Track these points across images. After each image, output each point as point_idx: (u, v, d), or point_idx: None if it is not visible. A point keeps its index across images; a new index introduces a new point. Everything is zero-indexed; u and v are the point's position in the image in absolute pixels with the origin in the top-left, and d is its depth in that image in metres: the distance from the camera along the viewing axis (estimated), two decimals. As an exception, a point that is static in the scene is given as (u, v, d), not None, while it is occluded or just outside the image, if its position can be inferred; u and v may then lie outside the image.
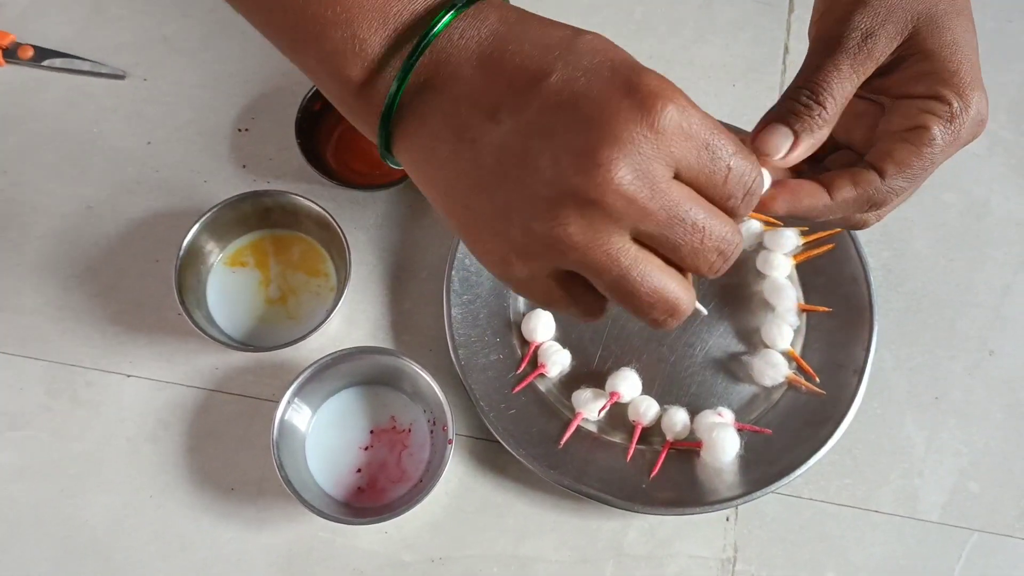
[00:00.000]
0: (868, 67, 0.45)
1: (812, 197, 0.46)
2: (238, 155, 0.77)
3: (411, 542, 0.68)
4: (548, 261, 0.39)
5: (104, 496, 0.69)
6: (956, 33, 0.45)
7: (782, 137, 0.45)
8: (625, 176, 0.36)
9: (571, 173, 0.36)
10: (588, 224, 0.37)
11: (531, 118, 0.38)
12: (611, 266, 0.38)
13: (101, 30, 0.81)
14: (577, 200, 0.37)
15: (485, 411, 0.68)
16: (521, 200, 0.38)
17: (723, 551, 0.69)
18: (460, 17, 0.39)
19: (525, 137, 0.38)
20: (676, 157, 0.37)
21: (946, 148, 0.46)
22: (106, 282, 0.73)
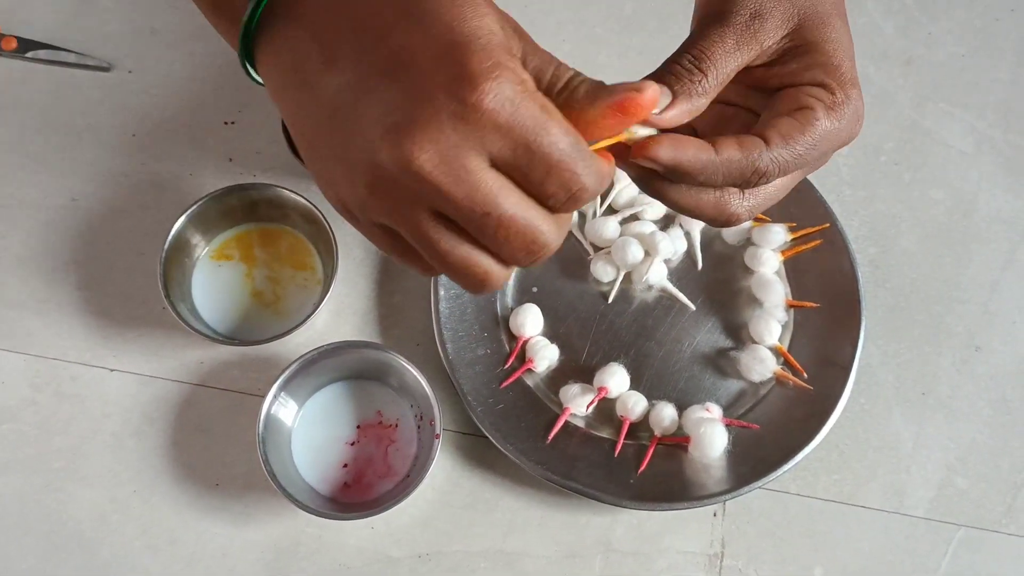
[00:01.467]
0: (752, 48, 0.45)
1: (698, 149, 0.43)
2: (225, 148, 0.77)
3: (398, 538, 0.68)
4: (369, 216, 0.39)
5: (89, 491, 0.68)
6: (838, 31, 0.46)
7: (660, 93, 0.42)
8: (427, 160, 0.35)
9: (381, 144, 0.36)
10: (391, 196, 0.37)
11: (361, 77, 0.37)
12: (419, 235, 0.38)
13: (87, 21, 0.80)
14: (382, 172, 0.36)
15: (473, 406, 0.67)
16: (346, 153, 0.38)
17: (711, 546, 0.69)
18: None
19: (352, 94, 0.37)
20: (489, 148, 0.36)
21: (827, 135, 0.45)
22: (91, 275, 0.73)
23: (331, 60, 0.38)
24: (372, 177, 0.37)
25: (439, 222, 0.37)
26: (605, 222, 0.74)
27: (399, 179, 0.36)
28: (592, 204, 0.75)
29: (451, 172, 0.36)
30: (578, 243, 0.75)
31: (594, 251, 0.75)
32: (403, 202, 0.37)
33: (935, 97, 0.82)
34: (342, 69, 0.38)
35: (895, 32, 0.85)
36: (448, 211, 0.37)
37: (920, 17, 0.86)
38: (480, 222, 0.37)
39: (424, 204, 0.37)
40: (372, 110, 0.37)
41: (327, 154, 0.39)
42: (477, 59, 0.35)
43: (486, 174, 0.36)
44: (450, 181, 0.36)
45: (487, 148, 0.36)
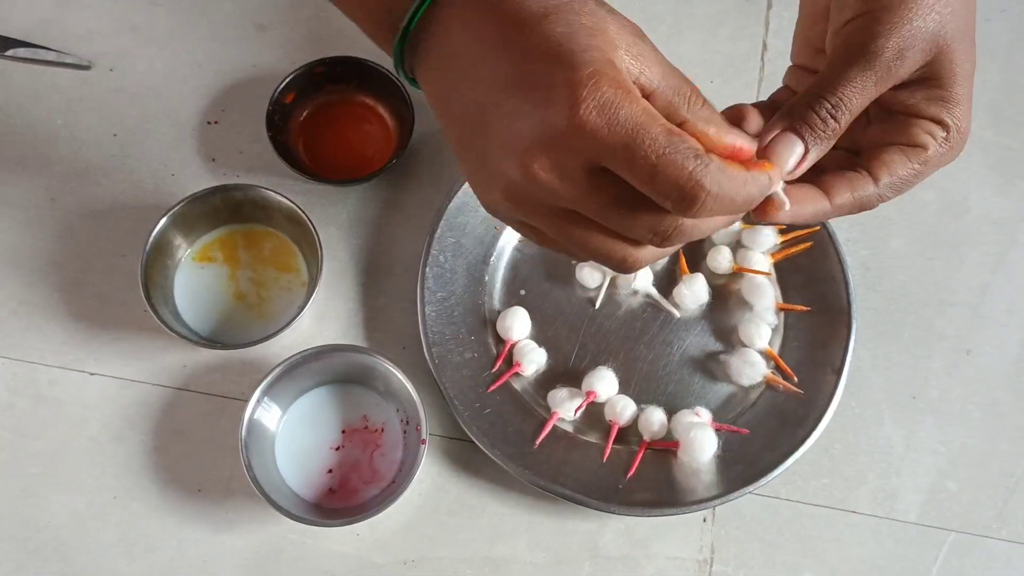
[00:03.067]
0: (889, 85, 0.44)
1: (814, 204, 0.45)
2: (207, 148, 0.76)
3: (383, 544, 0.67)
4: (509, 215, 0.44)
5: (67, 496, 0.67)
6: (964, 62, 0.45)
7: (794, 149, 0.43)
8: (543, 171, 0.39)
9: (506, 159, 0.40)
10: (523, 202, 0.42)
11: (524, 54, 0.39)
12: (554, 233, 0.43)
13: (67, 19, 0.79)
14: (512, 182, 0.41)
15: (459, 410, 0.67)
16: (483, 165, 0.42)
17: (700, 552, 0.68)
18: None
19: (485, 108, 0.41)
20: (591, 153, 0.38)
21: (935, 166, 0.47)
22: (70, 277, 0.72)
23: (488, 51, 0.41)
24: (504, 186, 0.41)
25: (569, 219, 0.42)
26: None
27: (527, 188, 0.40)
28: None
29: (564, 177, 0.39)
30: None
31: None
32: (534, 206, 0.42)
33: (925, 98, 0.82)
34: (475, 84, 0.41)
35: (885, 33, 0.85)
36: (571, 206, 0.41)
37: (910, 18, 0.85)
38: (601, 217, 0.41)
39: (550, 206, 0.41)
40: (497, 124, 0.40)
41: (469, 162, 0.44)
42: (577, 73, 0.38)
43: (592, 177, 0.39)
44: (564, 185, 0.39)
45: (590, 154, 0.38)
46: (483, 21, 0.41)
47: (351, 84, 0.75)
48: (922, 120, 0.46)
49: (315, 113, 0.75)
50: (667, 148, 0.37)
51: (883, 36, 0.43)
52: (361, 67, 0.73)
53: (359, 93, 0.75)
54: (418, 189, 0.75)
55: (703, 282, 0.72)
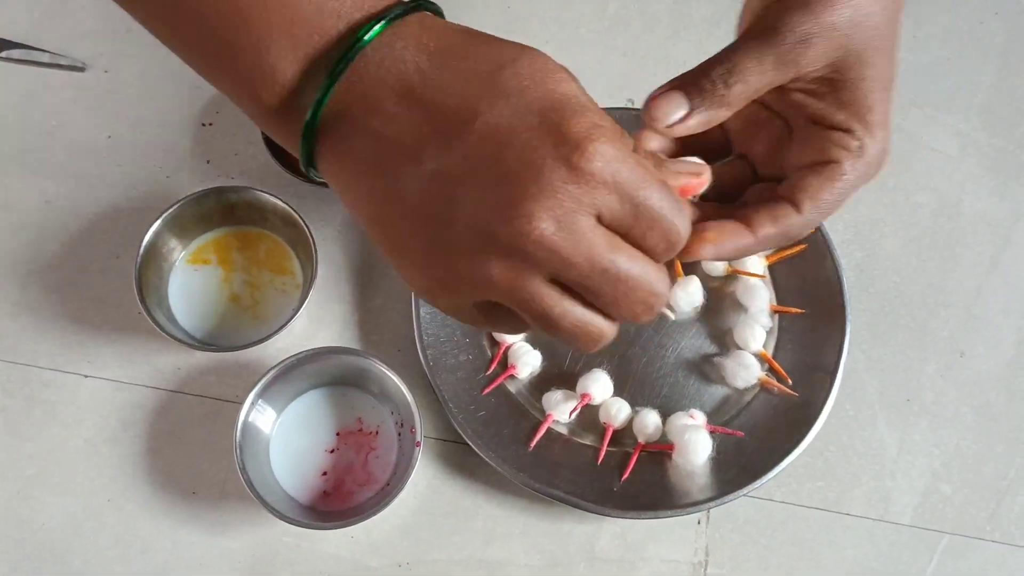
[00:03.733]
0: (789, 71, 0.44)
1: (736, 238, 0.45)
2: (202, 150, 0.76)
3: (378, 546, 0.67)
4: (472, 296, 0.39)
5: (61, 499, 0.67)
6: (879, 70, 0.45)
7: (675, 106, 0.44)
8: (547, 228, 0.36)
9: (493, 222, 0.36)
10: (510, 267, 0.37)
11: (454, 163, 0.37)
12: (533, 306, 0.38)
13: (62, 20, 0.78)
14: (499, 247, 0.37)
15: (454, 413, 0.67)
16: (445, 242, 0.38)
17: (695, 555, 0.68)
18: (378, 43, 0.38)
19: (448, 183, 0.37)
20: (599, 206, 0.37)
21: (854, 183, 0.46)
22: (65, 279, 0.71)
23: (414, 154, 0.37)
24: (485, 256, 0.37)
25: (553, 288, 0.38)
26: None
27: (517, 251, 0.36)
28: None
29: (570, 236, 0.36)
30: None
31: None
32: (519, 274, 0.37)
33: (919, 101, 0.82)
34: (427, 160, 0.37)
35: (880, 35, 0.85)
36: (567, 275, 0.37)
37: (904, 20, 0.84)
38: (599, 280, 0.37)
39: (541, 273, 0.37)
40: (473, 193, 0.37)
41: (418, 247, 0.39)
42: (576, 123, 0.36)
43: (600, 233, 0.37)
44: (570, 245, 0.36)
45: (597, 207, 0.37)
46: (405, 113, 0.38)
47: (346, 86, 0.74)
48: (833, 132, 0.45)
49: (310, 115, 0.75)
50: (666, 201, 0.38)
51: (790, 19, 0.43)
52: (356, 69, 0.73)
53: (354, 95, 0.75)
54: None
55: (698, 284, 0.72)
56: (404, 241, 0.40)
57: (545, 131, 0.36)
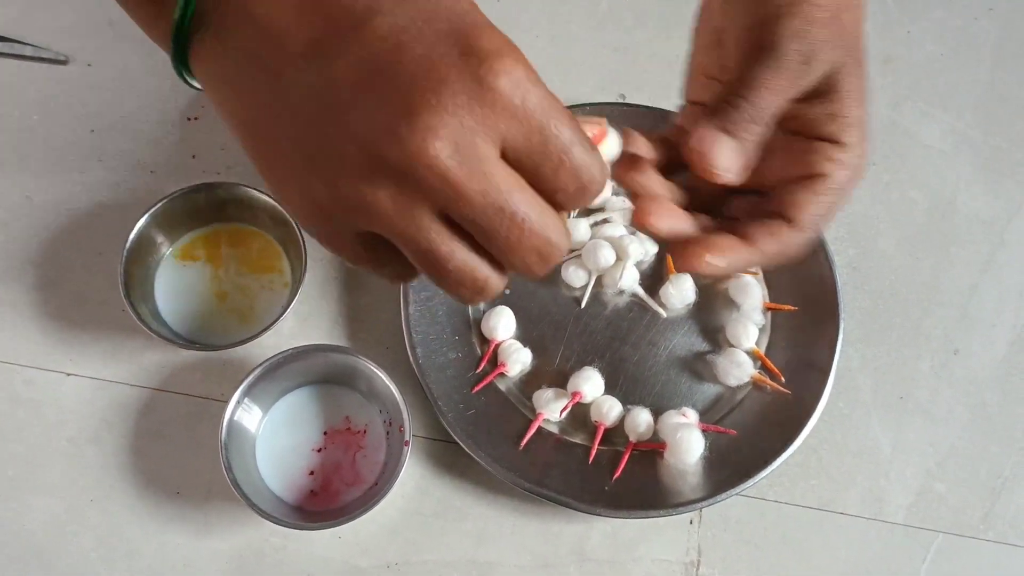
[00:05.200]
0: (796, 91, 0.44)
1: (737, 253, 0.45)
2: (187, 145, 0.74)
3: (366, 547, 0.66)
4: (353, 222, 0.35)
5: (44, 499, 0.66)
6: (860, 79, 0.45)
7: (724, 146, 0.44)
8: (443, 150, 0.32)
9: (384, 138, 0.32)
10: (397, 193, 0.33)
11: (348, 66, 0.33)
12: (419, 240, 0.34)
13: (44, 13, 0.77)
14: (388, 168, 0.33)
15: (443, 411, 0.66)
16: (328, 154, 0.34)
17: (687, 554, 0.67)
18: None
19: (339, 86, 0.33)
20: (504, 134, 0.33)
21: (844, 192, 0.46)
22: (47, 276, 0.70)
23: (305, 51, 0.34)
24: (371, 177, 0.33)
25: (442, 224, 0.34)
26: (576, 224, 0.72)
27: (407, 175, 0.33)
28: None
29: (466, 164, 0.33)
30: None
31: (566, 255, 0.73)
32: (406, 202, 0.33)
33: (914, 97, 0.81)
34: (319, 60, 0.33)
35: (873, 31, 0.84)
36: (458, 209, 0.34)
37: (899, 16, 0.85)
38: (493, 220, 0.34)
39: (430, 202, 0.34)
40: (366, 100, 0.33)
41: (298, 160, 0.35)
42: (488, 38, 0.33)
43: (500, 166, 0.34)
44: (465, 174, 0.33)
45: (501, 134, 0.33)
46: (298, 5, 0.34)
47: (334, 80, 0.74)
48: (819, 143, 0.45)
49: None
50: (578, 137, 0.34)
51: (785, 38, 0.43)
52: (344, 63, 0.72)
53: (342, 89, 0.74)
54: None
55: (690, 281, 0.71)
56: (283, 154, 0.36)
57: (453, 40, 0.33)
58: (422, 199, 0.33)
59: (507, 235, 0.34)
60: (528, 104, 0.33)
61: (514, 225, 0.34)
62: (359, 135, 0.33)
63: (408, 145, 0.32)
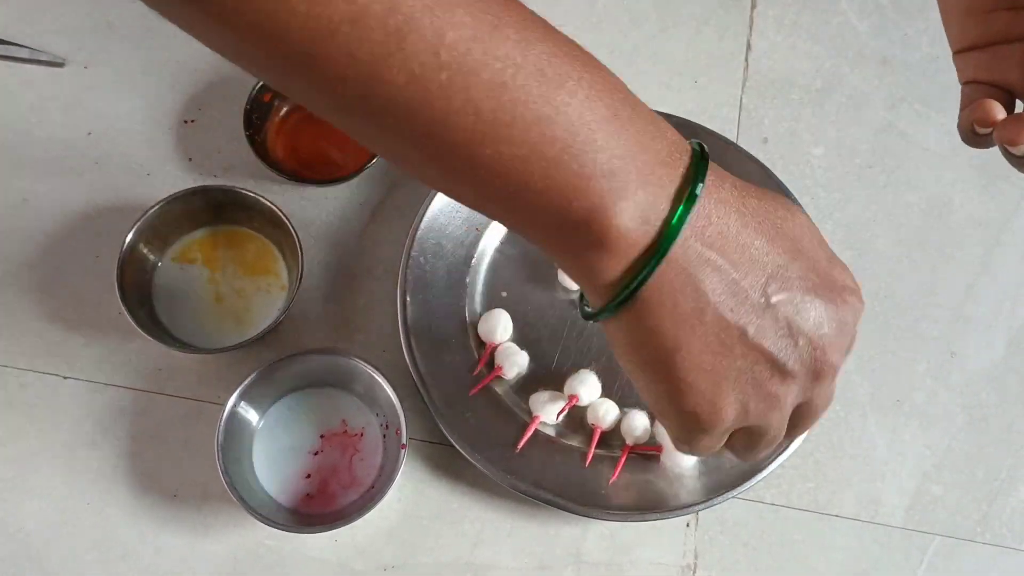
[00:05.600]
0: None
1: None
2: (184, 147, 0.74)
3: (363, 550, 0.66)
4: (726, 430, 0.44)
5: (40, 502, 0.65)
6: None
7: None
8: (825, 390, 0.45)
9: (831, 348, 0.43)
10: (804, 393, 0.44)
11: (796, 304, 0.41)
12: (776, 434, 0.45)
13: (40, 15, 0.77)
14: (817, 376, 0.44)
15: (440, 414, 0.66)
16: (747, 380, 0.42)
17: (683, 557, 0.67)
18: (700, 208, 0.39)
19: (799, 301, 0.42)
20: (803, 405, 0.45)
21: None
22: (43, 279, 0.70)
23: (757, 303, 0.41)
24: (780, 404, 0.43)
25: None
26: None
27: (824, 377, 0.44)
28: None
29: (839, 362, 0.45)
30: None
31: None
32: (776, 411, 0.43)
33: (910, 98, 0.81)
34: (783, 297, 0.41)
35: (870, 32, 0.84)
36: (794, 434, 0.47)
37: (895, 17, 0.85)
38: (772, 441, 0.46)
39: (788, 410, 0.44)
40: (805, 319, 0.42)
41: (723, 377, 0.41)
42: (850, 290, 0.45)
43: None
44: (822, 404, 0.46)
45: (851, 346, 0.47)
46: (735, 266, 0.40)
47: (331, 82, 0.73)
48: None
49: (293, 112, 0.74)
50: None
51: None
52: (340, 65, 0.72)
53: (339, 92, 0.74)
54: (398, 190, 0.74)
55: None
56: (712, 375, 0.42)
57: (844, 288, 0.44)
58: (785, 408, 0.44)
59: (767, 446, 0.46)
60: (823, 403, 0.46)
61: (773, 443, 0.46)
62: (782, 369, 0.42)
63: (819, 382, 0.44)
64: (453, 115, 0.36)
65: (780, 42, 0.83)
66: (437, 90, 0.35)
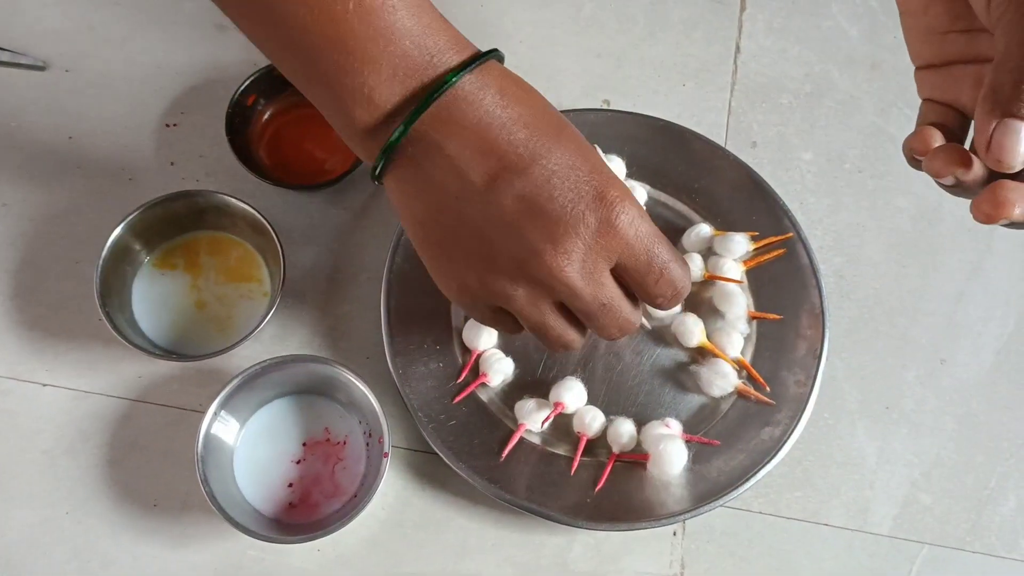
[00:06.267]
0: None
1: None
2: (166, 152, 0.74)
3: (346, 560, 0.65)
4: (492, 303, 0.51)
5: (18, 512, 0.65)
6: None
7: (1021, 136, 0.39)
8: (574, 271, 0.47)
9: (532, 255, 0.47)
10: (532, 292, 0.49)
11: (514, 199, 0.47)
12: (536, 318, 0.51)
13: (21, 17, 0.76)
14: (531, 278, 0.48)
15: (424, 422, 0.65)
16: (485, 258, 0.48)
17: (670, 567, 0.67)
18: (464, 81, 0.46)
19: (504, 213, 0.47)
20: (619, 257, 0.48)
21: None
22: (22, 284, 0.69)
23: (482, 185, 0.47)
24: (515, 278, 0.48)
25: (557, 311, 0.51)
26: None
27: (543, 283, 0.48)
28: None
29: (588, 279, 0.48)
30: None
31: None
32: (536, 297, 0.49)
33: (900, 103, 0.81)
34: (493, 193, 0.47)
35: (860, 36, 0.84)
36: (572, 303, 0.49)
37: (886, 21, 0.84)
38: (595, 311, 0.50)
39: (552, 298, 0.50)
40: (525, 227, 0.47)
41: (460, 258, 0.50)
42: (614, 188, 0.47)
43: (608, 278, 0.49)
44: (585, 283, 0.48)
45: (617, 257, 0.48)
46: (480, 145, 0.47)
47: (314, 87, 0.73)
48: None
49: (277, 116, 0.73)
50: (671, 258, 0.49)
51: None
52: (324, 69, 0.71)
53: (323, 96, 0.73)
54: (382, 195, 0.73)
55: None
56: (448, 252, 0.50)
57: (589, 187, 0.47)
58: (547, 296, 0.49)
59: (602, 319, 0.51)
60: (639, 235, 0.48)
61: (608, 313, 0.50)
62: (512, 250, 0.47)
63: (550, 263, 0.47)
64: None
65: (769, 46, 0.82)
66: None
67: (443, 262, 0.51)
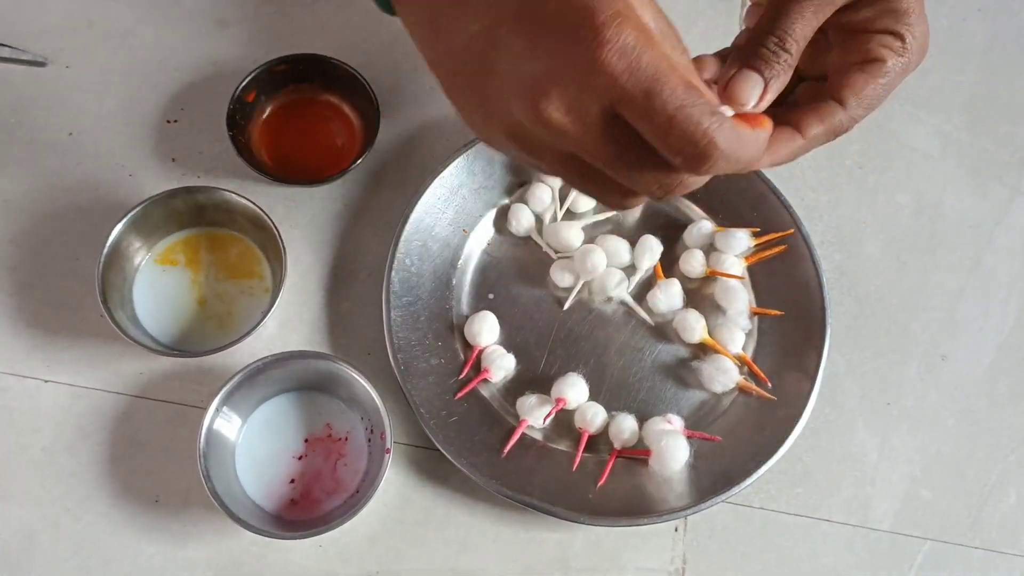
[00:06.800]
0: (828, 10, 0.46)
1: (788, 143, 0.47)
2: (167, 148, 0.73)
3: (347, 556, 0.65)
4: (501, 130, 0.42)
5: (18, 508, 0.65)
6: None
7: (754, 85, 0.44)
8: (556, 112, 0.38)
9: (513, 100, 0.39)
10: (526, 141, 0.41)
11: (490, 26, 0.40)
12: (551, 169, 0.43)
13: (22, 14, 0.76)
14: (516, 123, 0.40)
15: (425, 418, 0.65)
16: (481, 102, 0.42)
17: (672, 562, 0.67)
18: None
19: (483, 45, 0.40)
20: (610, 95, 0.37)
21: (897, 77, 0.48)
22: (23, 281, 0.69)
23: (462, 10, 0.41)
24: (508, 125, 0.41)
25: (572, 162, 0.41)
26: (568, 227, 0.71)
27: (533, 129, 0.39)
28: (552, 207, 0.73)
29: (577, 121, 0.38)
30: (537, 247, 0.72)
31: (555, 255, 0.72)
32: (538, 147, 0.41)
33: (901, 99, 0.81)
34: (472, 18, 0.41)
35: (860, 33, 0.83)
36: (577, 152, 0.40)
37: (886, 18, 0.84)
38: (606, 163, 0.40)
39: (556, 149, 0.41)
40: (502, 62, 0.40)
41: (465, 100, 0.43)
42: (601, 8, 0.36)
43: (599, 124, 0.38)
44: (576, 129, 0.38)
45: (607, 98, 0.37)
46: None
47: (314, 83, 0.73)
48: (876, 34, 0.47)
49: (277, 112, 0.73)
50: (685, 101, 0.36)
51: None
52: (324, 65, 0.71)
53: (322, 92, 0.73)
54: (384, 190, 0.73)
55: (678, 287, 0.70)
56: (457, 95, 0.44)
57: (571, 12, 0.37)
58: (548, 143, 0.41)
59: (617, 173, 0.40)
60: (633, 68, 0.36)
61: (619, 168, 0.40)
62: (498, 94, 0.40)
63: (530, 108, 0.38)
64: None
65: (770, 42, 0.82)
66: None
67: (460, 106, 0.44)
